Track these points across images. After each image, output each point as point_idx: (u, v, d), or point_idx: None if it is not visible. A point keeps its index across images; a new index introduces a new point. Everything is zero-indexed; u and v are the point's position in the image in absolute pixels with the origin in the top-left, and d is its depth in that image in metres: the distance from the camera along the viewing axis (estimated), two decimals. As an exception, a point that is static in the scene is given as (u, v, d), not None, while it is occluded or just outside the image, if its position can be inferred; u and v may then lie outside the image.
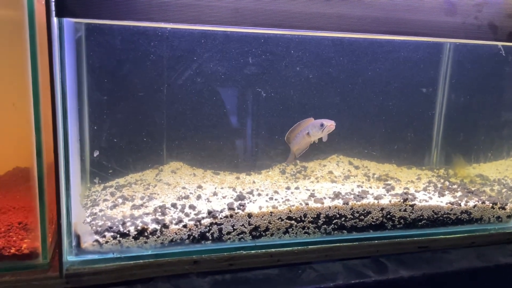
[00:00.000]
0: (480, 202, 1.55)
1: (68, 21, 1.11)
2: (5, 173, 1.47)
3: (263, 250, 1.32)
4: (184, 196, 1.45)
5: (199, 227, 1.28)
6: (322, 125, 1.44)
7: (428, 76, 1.86)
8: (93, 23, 1.33)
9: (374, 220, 1.43)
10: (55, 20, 1.05)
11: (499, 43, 1.54)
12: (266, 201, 1.43)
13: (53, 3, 1.04)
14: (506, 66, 1.71)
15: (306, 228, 1.37)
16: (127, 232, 1.22)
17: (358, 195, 1.50)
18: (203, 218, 1.30)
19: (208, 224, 1.29)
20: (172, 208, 1.36)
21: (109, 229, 1.22)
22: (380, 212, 1.43)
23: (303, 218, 1.37)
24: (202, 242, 1.28)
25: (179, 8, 1.11)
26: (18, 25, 1.06)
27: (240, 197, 1.44)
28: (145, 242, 1.23)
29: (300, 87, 1.69)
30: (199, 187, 1.55)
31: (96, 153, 1.45)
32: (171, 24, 1.36)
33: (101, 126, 1.49)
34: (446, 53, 1.86)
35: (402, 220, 1.46)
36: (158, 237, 1.24)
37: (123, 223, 1.24)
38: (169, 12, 1.09)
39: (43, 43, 1.07)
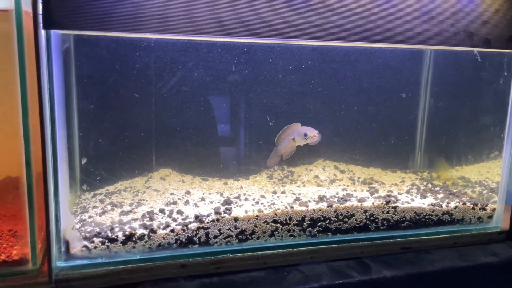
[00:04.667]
0: (461, 203, 1.60)
1: (55, 32, 1.15)
2: (-4, 182, 1.49)
3: (250, 253, 1.35)
4: (172, 202, 1.49)
5: (186, 231, 1.31)
6: (305, 134, 1.49)
7: (409, 82, 1.91)
8: (79, 34, 1.36)
9: (357, 222, 1.47)
10: (42, 32, 1.09)
11: (475, 49, 1.60)
12: (252, 205, 1.46)
13: (40, 16, 1.07)
14: (483, 72, 1.76)
15: (291, 231, 1.41)
16: (115, 238, 1.25)
17: (342, 198, 1.54)
18: (190, 222, 1.33)
19: (195, 229, 1.32)
20: (160, 214, 1.39)
21: (98, 234, 1.25)
22: (364, 214, 1.47)
23: (288, 221, 1.40)
24: (190, 246, 1.31)
25: (164, 19, 1.15)
26: (6, 38, 1.10)
27: (227, 202, 1.47)
28: (133, 247, 1.26)
29: (285, 94, 1.73)
30: (187, 193, 1.58)
31: (84, 160, 1.47)
32: (156, 35, 1.40)
33: (90, 135, 1.52)
34: (426, 59, 1.91)
35: (385, 222, 1.50)
36: (146, 242, 1.27)
37: (112, 229, 1.27)
38: (154, 23, 1.13)
39: (31, 54, 1.11)
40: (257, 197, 1.55)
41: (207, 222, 1.33)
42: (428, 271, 1.39)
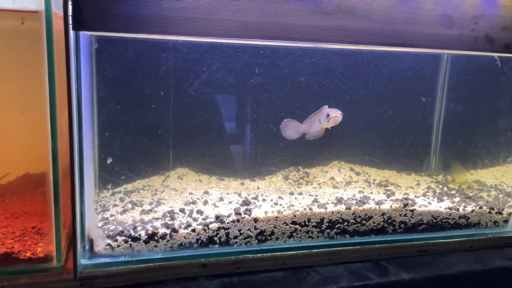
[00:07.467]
0: (477, 207, 1.60)
1: (84, 34, 1.16)
2: (15, 179, 1.51)
3: (269, 254, 1.36)
4: (192, 202, 1.50)
5: (207, 231, 1.32)
6: (328, 115, 1.51)
7: (425, 85, 1.91)
8: (105, 36, 1.38)
9: (375, 224, 1.48)
10: (72, 33, 1.10)
11: (495, 54, 1.60)
12: (271, 206, 1.48)
13: (70, 17, 1.08)
14: (501, 76, 1.77)
15: (310, 232, 1.42)
16: (138, 236, 1.27)
17: (359, 201, 1.55)
18: (210, 222, 1.34)
19: (216, 229, 1.33)
20: (180, 213, 1.40)
21: (121, 233, 1.27)
22: (381, 217, 1.48)
23: (307, 223, 1.42)
24: (210, 246, 1.33)
25: (190, 22, 1.16)
26: (36, 38, 1.11)
27: (246, 202, 1.49)
28: (155, 246, 1.28)
29: (304, 96, 1.74)
30: (206, 192, 1.59)
31: (109, 160, 1.49)
32: (181, 37, 1.41)
33: (110, 133, 1.54)
34: (444, 63, 1.91)
35: (402, 225, 1.50)
36: (167, 241, 1.28)
37: (134, 228, 1.29)
38: (181, 26, 1.15)
39: (59, 54, 1.12)
40: (275, 198, 1.56)
41: (228, 223, 1.35)
42: (445, 274, 1.40)
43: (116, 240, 1.25)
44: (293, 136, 1.69)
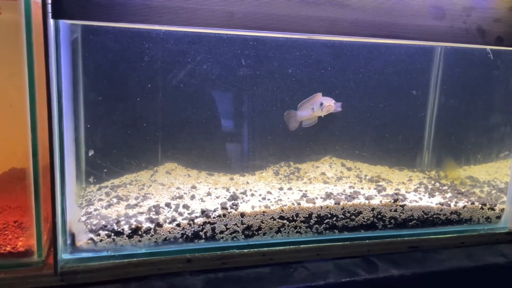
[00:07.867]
0: (469, 203, 1.58)
1: (64, 22, 1.13)
2: (1, 174, 1.48)
3: (256, 249, 1.34)
4: (178, 196, 1.48)
5: (192, 226, 1.30)
6: (321, 104, 1.49)
7: (418, 79, 1.89)
8: (88, 25, 1.35)
9: (365, 220, 1.45)
10: (51, 21, 1.07)
11: (487, 47, 1.58)
12: (259, 201, 1.45)
13: (49, 5, 1.06)
14: (494, 70, 1.74)
15: (298, 227, 1.40)
16: (121, 231, 1.24)
17: (349, 196, 1.52)
18: (196, 217, 1.32)
19: (202, 223, 1.31)
20: (166, 208, 1.38)
21: (104, 227, 1.24)
22: (371, 212, 1.46)
23: (295, 218, 1.39)
24: (196, 241, 1.30)
25: (174, 11, 1.13)
26: (15, 27, 1.08)
27: (234, 197, 1.46)
28: (139, 241, 1.25)
29: (293, 88, 1.71)
30: (193, 187, 1.57)
31: (91, 153, 1.47)
32: (165, 26, 1.38)
33: (96, 126, 1.51)
34: (437, 56, 1.89)
35: (392, 220, 1.48)
36: (152, 235, 1.26)
37: (118, 222, 1.26)
38: (164, 15, 1.12)
39: (39, 44, 1.09)
40: (264, 193, 1.53)
41: (214, 217, 1.32)
42: (436, 271, 1.38)
43: (99, 235, 1.22)
44: (294, 126, 1.67)
